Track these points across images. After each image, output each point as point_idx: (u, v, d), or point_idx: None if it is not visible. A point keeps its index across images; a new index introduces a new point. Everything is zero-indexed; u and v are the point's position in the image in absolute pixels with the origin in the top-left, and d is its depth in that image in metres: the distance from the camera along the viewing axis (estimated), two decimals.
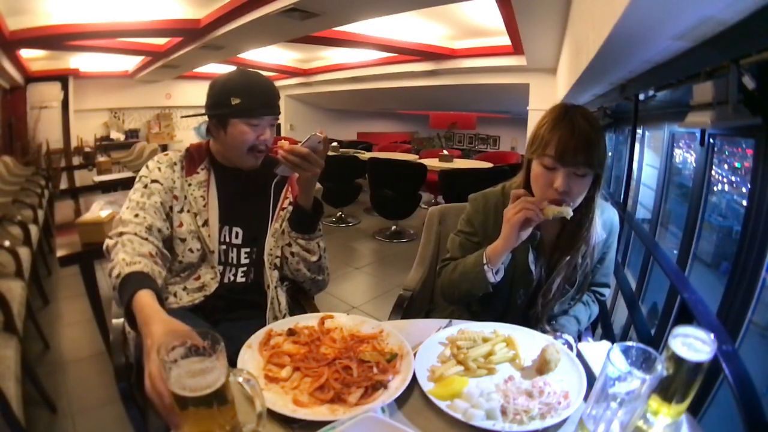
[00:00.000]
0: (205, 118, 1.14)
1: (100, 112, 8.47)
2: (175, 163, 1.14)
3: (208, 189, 1.13)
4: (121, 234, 0.98)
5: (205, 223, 1.11)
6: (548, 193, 0.93)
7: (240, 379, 0.60)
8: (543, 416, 0.66)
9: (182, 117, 8.86)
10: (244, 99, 1.06)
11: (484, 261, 0.99)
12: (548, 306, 1.07)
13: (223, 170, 1.17)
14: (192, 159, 1.16)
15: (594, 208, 1.00)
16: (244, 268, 1.16)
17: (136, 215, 1.02)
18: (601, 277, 1.16)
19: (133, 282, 0.84)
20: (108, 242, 0.98)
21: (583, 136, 0.89)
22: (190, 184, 1.13)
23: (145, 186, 1.08)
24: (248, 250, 1.16)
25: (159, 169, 1.11)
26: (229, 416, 0.59)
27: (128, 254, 0.91)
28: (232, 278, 1.15)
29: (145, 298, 0.79)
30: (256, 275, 1.18)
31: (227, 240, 1.15)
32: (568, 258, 1.04)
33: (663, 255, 1.51)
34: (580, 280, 1.06)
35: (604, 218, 1.08)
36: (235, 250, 1.15)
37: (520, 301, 1.08)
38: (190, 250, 1.10)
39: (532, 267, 1.05)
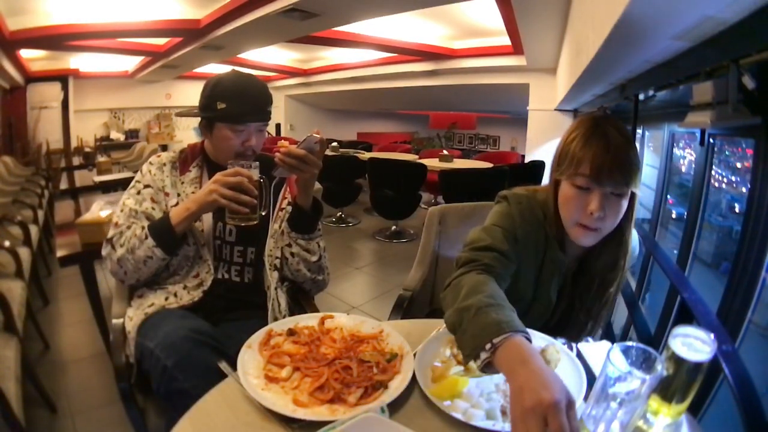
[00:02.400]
0: None
1: (100, 112, 8.48)
2: (164, 164, 1.16)
3: (201, 185, 1.14)
4: (114, 235, 1.08)
5: (198, 217, 1.12)
6: (581, 217, 0.84)
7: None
8: None
9: (176, 115, 8.87)
10: (229, 104, 1.07)
11: (489, 345, 0.65)
12: (577, 333, 1.00)
13: (216, 168, 1.16)
14: (186, 159, 1.19)
15: (629, 240, 0.91)
16: (238, 267, 1.17)
17: (129, 226, 1.07)
18: None
19: (157, 221, 1.06)
20: (107, 249, 1.07)
21: (619, 152, 0.80)
22: (183, 182, 1.15)
23: (138, 192, 1.13)
24: (241, 249, 1.17)
25: (150, 171, 1.15)
26: (255, 200, 1.02)
27: (137, 228, 1.06)
28: (225, 275, 1.16)
29: (176, 208, 1.05)
30: (256, 275, 1.18)
31: (221, 236, 1.16)
32: (601, 295, 0.95)
33: (663, 255, 1.51)
34: (600, 311, 0.99)
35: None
36: (228, 247, 1.16)
37: (534, 328, 0.95)
38: (186, 243, 1.11)
39: (554, 297, 0.97)
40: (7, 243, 2.07)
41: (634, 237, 0.98)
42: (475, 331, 0.68)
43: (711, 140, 1.78)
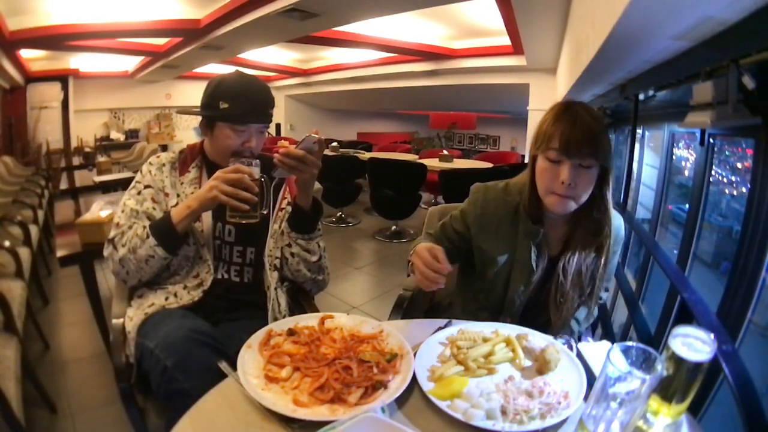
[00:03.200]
0: None
1: (100, 112, 8.48)
2: (164, 165, 1.17)
3: (200, 185, 1.14)
4: (116, 235, 1.08)
5: (198, 217, 1.12)
6: (554, 186, 0.93)
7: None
8: (543, 416, 0.66)
9: (176, 113, 8.89)
10: (231, 104, 1.07)
11: (411, 253, 1.00)
12: (562, 312, 1.03)
13: (215, 169, 1.17)
14: (185, 159, 1.19)
15: (609, 207, 0.98)
16: (237, 267, 1.17)
17: (130, 226, 1.08)
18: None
19: (158, 220, 1.06)
20: (109, 250, 1.08)
21: (586, 128, 0.90)
22: (182, 183, 1.15)
23: (139, 192, 1.13)
24: (240, 249, 1.17)
25: (150, 172, 1.15)
26: (256, 197, 1.02)
27: (138, 228, 1.06)
28: (225, 275, 1.16)
29: (177, 207, 1.05)
30: (256, 275, 1.18)
31: (221, 236, 1.17)
32: (583, 259, 1.01)
33: (663, 255, 1.51)
34: (591, 284, 1.03)
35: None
36: (228, 247, 1.17)
37: (519, 301, 1.06)
38: (186, 243, 1.11)
39: (534, 264, 1.03)
40: (7, 243, 2.07)
41: (617, 217, 1.05)
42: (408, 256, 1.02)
43: (711, 140, 1.77)
